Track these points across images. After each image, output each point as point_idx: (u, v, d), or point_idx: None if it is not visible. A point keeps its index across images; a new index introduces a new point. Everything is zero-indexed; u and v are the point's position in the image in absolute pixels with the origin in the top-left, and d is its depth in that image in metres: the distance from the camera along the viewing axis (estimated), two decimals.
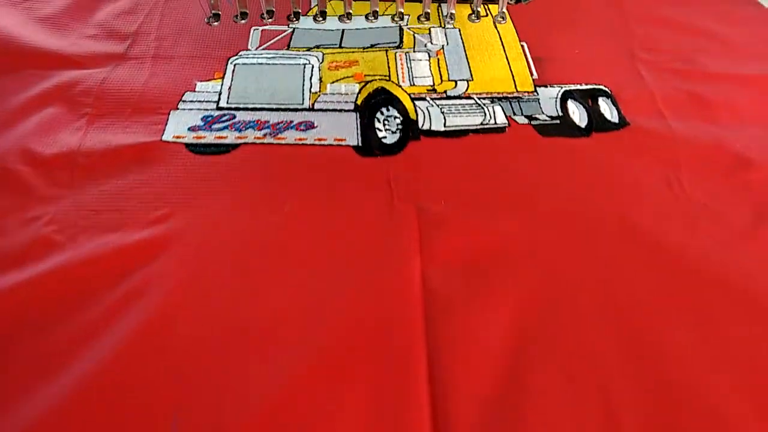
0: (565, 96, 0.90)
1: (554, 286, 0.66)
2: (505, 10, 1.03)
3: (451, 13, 1.02)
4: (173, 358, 0.61)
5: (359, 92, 0.88)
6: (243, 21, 1.02)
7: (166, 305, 0.65)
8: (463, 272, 0.67)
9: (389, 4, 1.05)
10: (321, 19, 1.02)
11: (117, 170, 0.77)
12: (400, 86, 0.90)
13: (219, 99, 0.87)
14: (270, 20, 1.03)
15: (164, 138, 0.81)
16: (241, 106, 0.86)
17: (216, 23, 1.02)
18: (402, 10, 1.02)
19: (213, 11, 1.02)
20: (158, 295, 0.65)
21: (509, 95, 0.91)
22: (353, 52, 0.96)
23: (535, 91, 0.92)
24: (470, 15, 1.04)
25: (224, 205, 0.74)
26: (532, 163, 0.80)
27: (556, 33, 1.00)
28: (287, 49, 0.99)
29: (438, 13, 1.03)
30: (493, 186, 0.77)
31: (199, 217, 0.73)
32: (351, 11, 1.02)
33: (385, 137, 0.84)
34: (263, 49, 0.98)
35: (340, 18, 1.02)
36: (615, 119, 0.87)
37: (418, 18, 1.03)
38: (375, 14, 1.00)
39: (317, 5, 1.04)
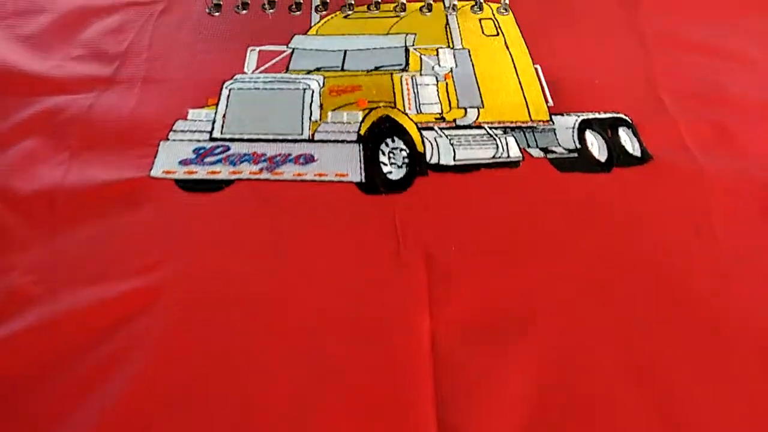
0: (583, 126, 0.84)
1: (575, 348, 0.61)
2: (507, 1, 0.98)
3: (453, 5, 0.97)
4: (161, 425, 0.56)
5: (362, 120, 0.82)
6: (244, 11, 0.99)
7: (154, 365, 0.59)
8: (476, 334, 0.61)
9: (394, 22, 0.99)
10: (323, 9, 0.98)
11: (102, 211, 0.71)
12: (406, 114, 0.84)
13: (213, 128, 0.81)
14: (272, 11, 1.00)
15: (153, 173, 0.75)
16: (236, 136, 0.80)
17: (217, 13, 0.99)
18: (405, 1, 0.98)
19: (214, 1, 0.98)
20: (145, 354, 0.60)
21: (523, 124, 0.85)
22: (356, 75, 0.90)
23: (551, 119, 0.86)
24: (473, 6, 1.00)
25: (216, 252, 0.68)
26: (549, 202, 0.75)
27: (572, 56, 0.94)
28: (286, 71, 0.93)
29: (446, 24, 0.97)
30: (508, 229, 0.72)
31: (189, 265, 0.67)
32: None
33: (390, 172, 0.78)
34: (260, 71, 0.92)
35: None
36: (637, 152, 0.81)
37: (420, 9, 0.99)
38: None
39: None
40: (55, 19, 0.95)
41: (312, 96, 0.85)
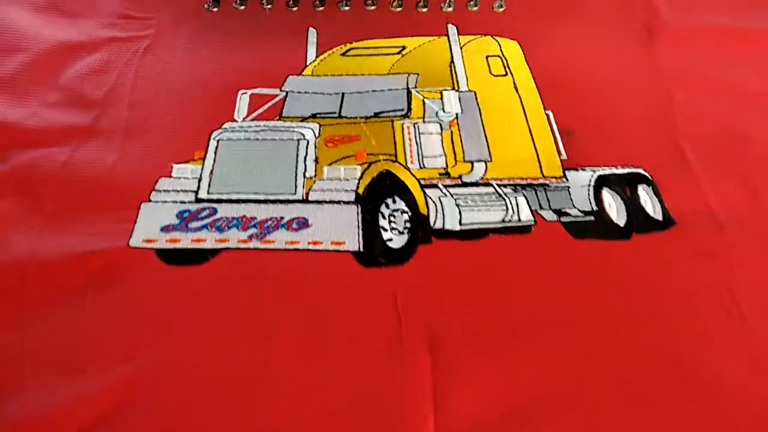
0: (600, 183, 0.78)
1: None
2: None
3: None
4: None
5: (361, 176, 0.75)
6: (242, 6, 0.99)
7: None
8: None
9: (395, 60, 0.93)
10: (321, 5, 0.96)
11: (76, 289, 0.65)
12: (408, 169, 0.78)
13: (198, 188, 0.75)
14: (269, 6, 0.99)
15: (132, 243, 0.69)
16: (224, 197, 0.74)
17: (215, 9, 0.98)
18: None
19: None
20: None
21: (534, 181, 0.79)
22: (354, 122, 0.84)
23: (564, 176, 0.80)
24: (469, 2, 0.97)
25: (201, 336, 0.63)
26: (564, 275, 0.69)
27: (586, 99, 0.88)
28: (279, 118, 0.86)
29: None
30: (518, 306, 0.66)
31: (172, 353, 0.61)
32: None
33: (390, 239, 0.72)
34: (252, 118, 0.85)
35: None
36: (658, 215, 0.75)
37: (417, 5, 0.96)
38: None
39: None
40: (32, 58, 0.89)
41: (307, 147, 0.79)
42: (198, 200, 0.74)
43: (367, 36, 0.99)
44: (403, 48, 0.95)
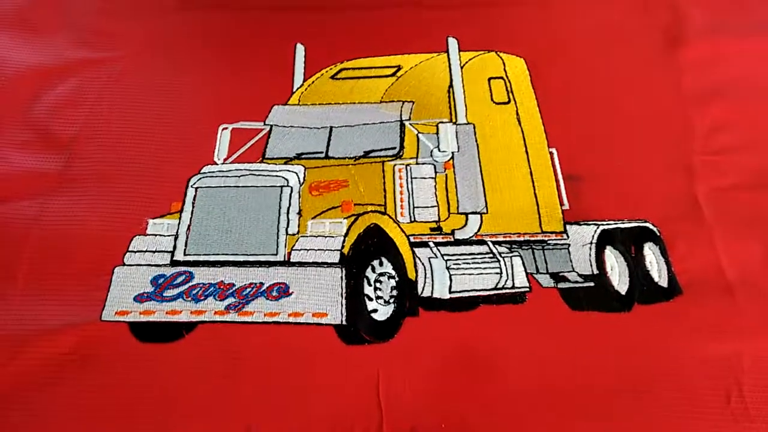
0: (602, 240, 0.73)
1: None
2: None
3: None
4: None
5: (347, 233, 0.70)
6: None
7: None
8: None
9: (388, 84, 0.85)
10: None
11: (45, 375, 0.63)
12: (397, 223, 0.73)
13: (175, 247, 0.71)
14: None
15: (104, 317, 0.66)
16: (202, 258, 0.70)
17: None
18: None
19: None
20: None
21: (532, 238, 0.74)
22: (342, 164, 0.78)
23: (565, 231, 0.74)
24: None
25: (177, 422, 0.61)
26: (559, 354, 0.65)
27: (594, 132, 0.81)
28: (262, 159, 0.81)
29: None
30: (507, 394, 0.63)
31: None
32: None
33: (375, 310, 0.68)
34: (232, 160, 0.80)
35: None
36: (664, 281, 0.70)
37: None
38: None
39: None
40: (1, 86, 0.83)
41: (290, 197, 0.73)
42: (174, 263, 0.70)
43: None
44: (399, 68, 0.87)
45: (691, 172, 0.77)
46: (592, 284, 0.70)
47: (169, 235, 0.72)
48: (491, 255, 0.72)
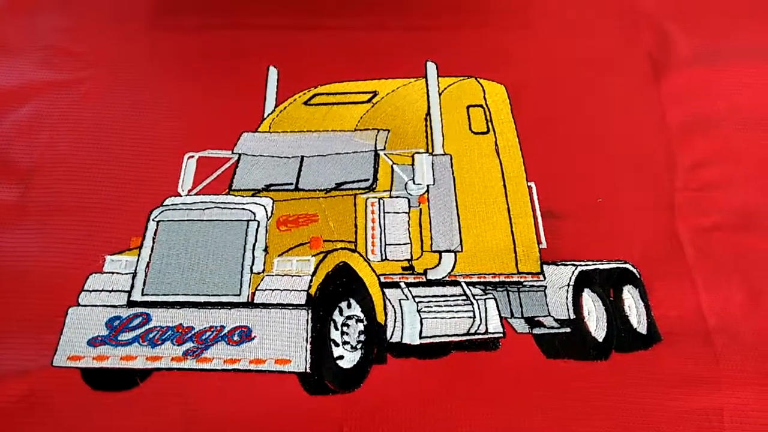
0: (580, 282, 0.70)
1: None
2: None
3: None
4: None
5: (315, 271, 0.67)
6: None
7: None
8: None
9: (364, 111, 0.82)
10: None
11: None
12: (367, 261, 0.70)
13: (132, 286, 0.67)
14: None
15: (56, 362, 0.62)
16: (160, 299, 0.67)
17: None
18: None
19: None
20: None
21: (508, 279, 0.71)
22: (313, 197, 0.75)
23: (542, 272, 0.71)
24: None
25: None
26: (531, 404, 0.62)
27: (574, 166, 0.78)
28: (229, 191, 0.77)
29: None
30: None
31: None
32: None
33: (341, 357, 0.65)
34: (197, 192, 0.76)
35: None
36: (642, 327, 0.67)
37: None
38: None
39: None
40: None
41: (256, 232, 0.70)
42: (131, 303, 0.67)
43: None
44: (375, 94, 0.83)
45: (672, 209, 0.75)
46: (568, 330, 0.67)
47: (126, 273, 0.69)
48: (464, 297, 0.69)
